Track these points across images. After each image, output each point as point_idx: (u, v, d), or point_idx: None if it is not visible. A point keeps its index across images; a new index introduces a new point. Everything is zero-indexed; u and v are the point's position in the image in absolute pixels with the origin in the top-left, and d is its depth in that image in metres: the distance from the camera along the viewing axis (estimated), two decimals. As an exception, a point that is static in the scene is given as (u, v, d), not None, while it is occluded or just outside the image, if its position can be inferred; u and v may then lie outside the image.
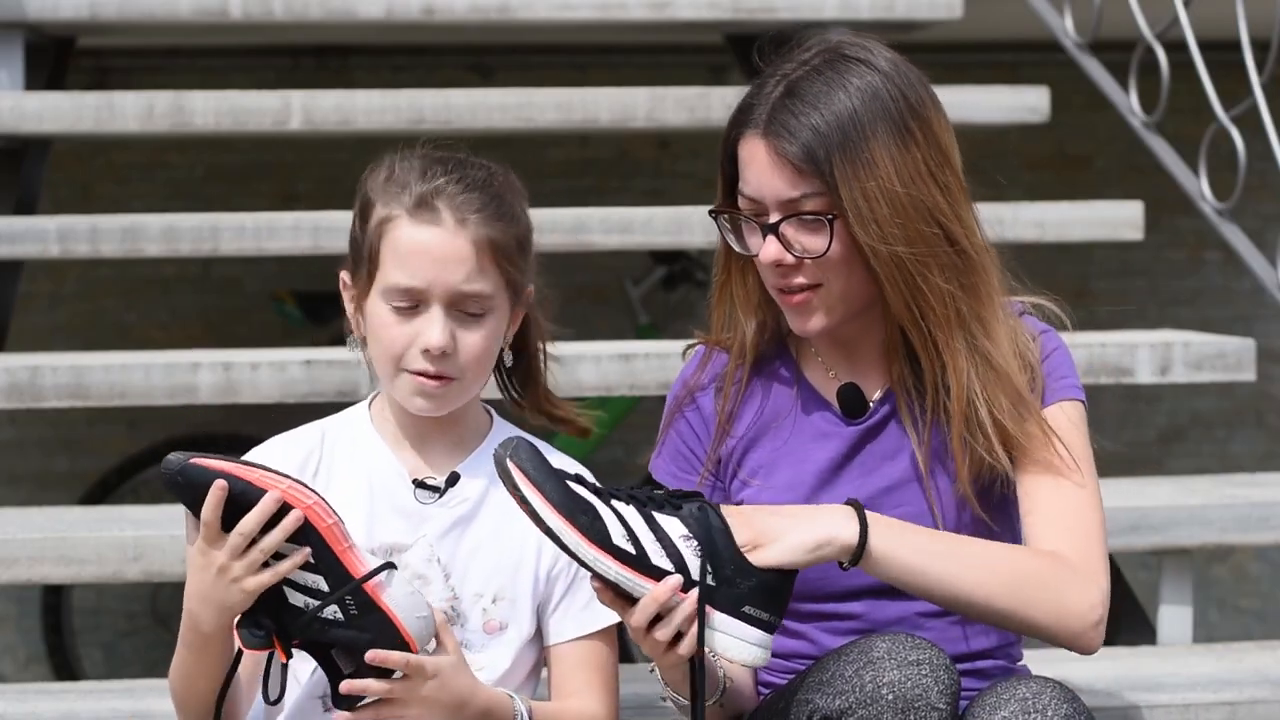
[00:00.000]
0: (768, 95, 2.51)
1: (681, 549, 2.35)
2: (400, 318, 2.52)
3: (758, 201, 2.52)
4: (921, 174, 2.49)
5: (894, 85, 2.50)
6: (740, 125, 2.53)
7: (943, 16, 4.64)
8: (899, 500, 2.58)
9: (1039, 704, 2.38)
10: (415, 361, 2.52)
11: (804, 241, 2.50)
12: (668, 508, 2.38)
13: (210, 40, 6.13)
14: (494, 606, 2.58)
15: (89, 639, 6.33)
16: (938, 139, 2.52)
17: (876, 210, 2.46)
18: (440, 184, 2.53)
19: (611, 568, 2.34)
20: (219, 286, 6.45)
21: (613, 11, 4.63)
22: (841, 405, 2.62)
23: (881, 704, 2.34)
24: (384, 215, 2.53)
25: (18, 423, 6.35)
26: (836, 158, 2.46)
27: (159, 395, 3.66)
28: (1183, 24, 4.24)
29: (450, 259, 2.51)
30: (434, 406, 2.56)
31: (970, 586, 2.41)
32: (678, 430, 2.67)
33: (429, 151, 2.60)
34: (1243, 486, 3.71)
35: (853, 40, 2.56)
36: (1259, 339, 4.11)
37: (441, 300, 2.51)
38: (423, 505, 2.59)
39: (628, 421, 6.13)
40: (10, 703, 3.12)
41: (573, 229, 4.12)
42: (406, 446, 2.62)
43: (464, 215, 2.52)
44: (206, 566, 2.40)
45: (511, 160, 2.68)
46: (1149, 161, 4.51)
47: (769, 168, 2.49)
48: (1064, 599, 2.44)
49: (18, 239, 4.07)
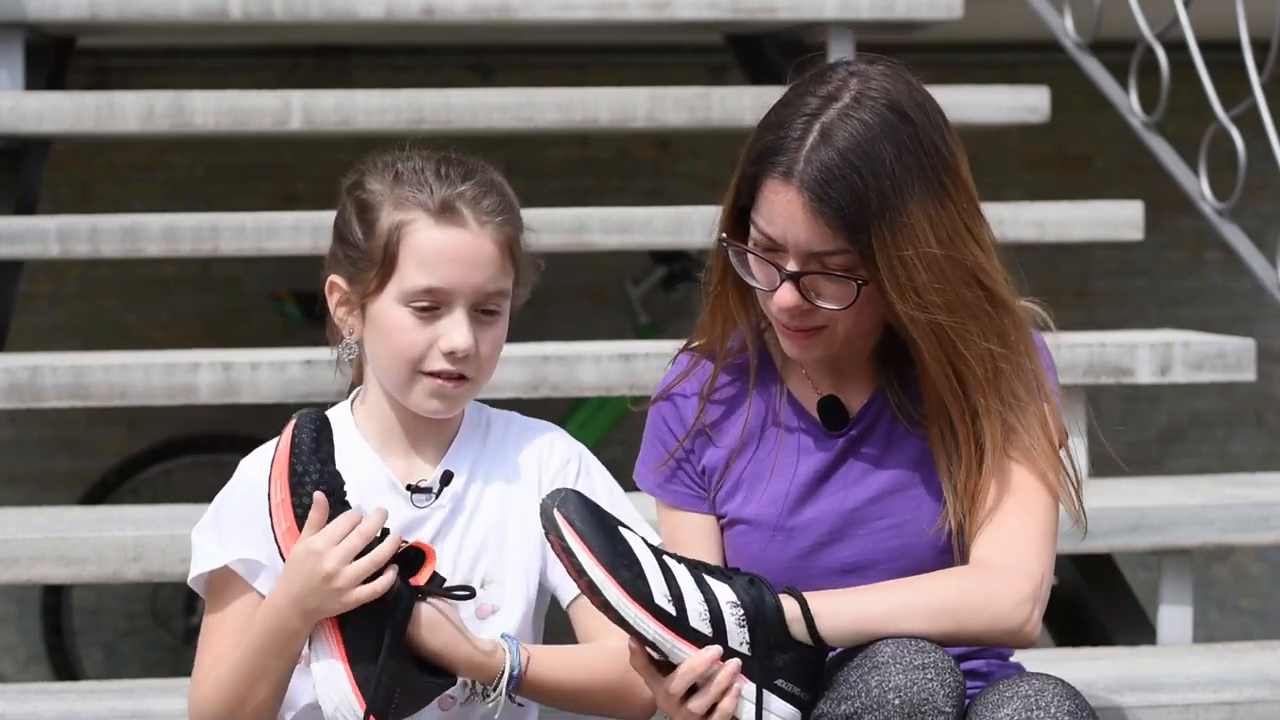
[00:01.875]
0: (799, 140, 2.44)
1: (726, 614, 2.35)
2: (420, 321, 2.52)
3: (777, 243, 2.47)
4: (959, 231, 2.44)
5: (926, 136, 2.44)
6: (768, 166, 2.46)
7: (943, 16, 4.64)
8: (882, 511, 2.58)
9: (1042, 701, 2.38)
10: (435, 363, 2.53)
11: (825, 293, 2.46)
12: (718, 574, 2.38)
13: (210, 40, 6.13)
14: (483, 591, 2.57)
15: (89, 639, 6.33)
16: (967, 187, 2.47)
17: (916, 278, 2.41)
18: (459, 186, 2.55)
19: (650, 627, 2.33)
20: (219, 286, 6.45)
21: (613, 11, 4.63)
22: (822, 418, 2.61)
23: (888, 709, 2.34)
24: (400, 219, 2.53)
25: (18, 423, 6.35)
26: (875, 224, 2.40)
27: (159, 395, 3.66)
28: (1183, 24, 4.23)
29: (478, 260, 2.53)
30: (449, 407, 2.57)
31: (910, 628, 2.41)
32: (662, 439, 2.66)
33: (427, 153, 2.60)
34: (1243, 486, 3.71)
35: (878, 72, 2.48)
36: (1259, 339, 4.10)
37: (466, 302, 2.53)
38: (419, 510, 2.58)
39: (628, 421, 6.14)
40: (10, 703, 3.12)
41: (573, 229, 4.12)
42: (394, 449, 2.61)
43: (485, 216, 2.54)
44: (313, 572, 2.41)
45: (511, 160, 2.69)
46: (1149, 161, 4.51)
47: (799, 221, 2.43)
48: (993, 608, 2.44)
49: (18, 239, 4.07)
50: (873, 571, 2.55)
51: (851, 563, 2.57)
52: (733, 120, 4.40)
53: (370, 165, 2.60)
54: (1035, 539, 2.50)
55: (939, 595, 2.43)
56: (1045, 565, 2.49)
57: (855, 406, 2.61)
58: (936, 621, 2.41)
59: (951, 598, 2.43)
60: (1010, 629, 2.44)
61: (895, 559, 2.56)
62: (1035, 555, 2.48)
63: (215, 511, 2.60)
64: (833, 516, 2.58)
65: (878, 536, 2.57)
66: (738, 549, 2.61)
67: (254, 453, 2.63)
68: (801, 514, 2.58)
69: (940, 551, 2.56)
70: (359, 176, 2.60)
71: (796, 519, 2.58)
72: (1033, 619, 2.45)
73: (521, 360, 3.66)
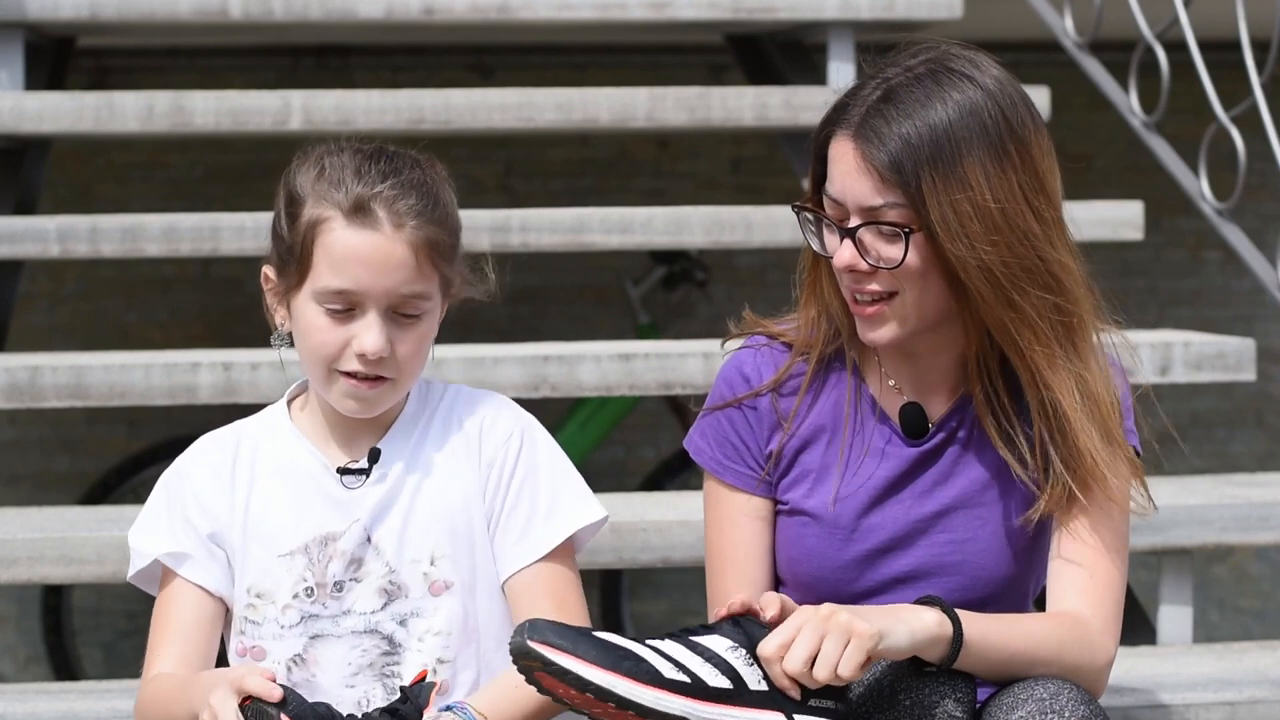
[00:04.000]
0: (865, 97, 2.47)
1: (732, 660, 2.32)
2: (333, 320, 2.48)
3: (840, 204, 2.49)
4: (1016, 197, 2.44)
5: (995, 104, 2.46)
6: (833, 124, 2.49)
7: (943, 16, 4.64)
8: (946, 525, 2.58)
9: (1056, 704, 2.38)
10: (349, 363, 2.50)
11: (880, 250, 2.47)
12: (701, 631, 2.36)
13: (210, 40, 6.13)
14: (434, 568, 2.56)
15: (89, 639, 6.33)
16: (1035, 165, 2.48)
17: (968, 225, 2.42)
18: (376, 186, 2.48)
19: (674, 702, 2.29)
20: (219, 286, 6.45)
21: (613, 11, 4.63)
22: (903, 425, 2.59)
23: (899, 709, 2.36)
24: (316, 216, 2.48)
25: (18, 423, 6.35)
26: (925, 171, 2.42)
27: (159, 395, 3.66)
28: (1183, 24, 4.23)
29: (389, 264, 2.47)
30: (366, 408, 2.54)
31: (1021, 674, 2.44)
32: (729, 417, 2.62)
33: (360, 147, 2.55)
34: (1243, 486, 3.71)
35: (961, 52, 2.51)
36: (1259, 339, 4.11)
37: (379, 305, 2.48)
38: (351, 490, 2.57)
39: (628, 421, 6.14)
40: (10, 703, 3.12)
41: (573, 229, 4.12)
42: (332, 440, 2.59)
43: (401, 219, 2.48)
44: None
45: (511, 160, 2.68)
46: (1149, 161, 4.51)
47: (854, 172, 2.45)
48: (1084, 670, 2.48)
49: (18, 239, 4.07)
50: (926, 583, 2.56)
51: (907, 572, 2.57)
52: (733, 120, 4.40)
53: (303, 155, 2.56)
54: (1119, 590, 2.53)
55: (1049, 647, 2.46)
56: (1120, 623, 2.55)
57: (935, 417, 2.60)
58: (1043, 670, 2.45)
59: (1057, 651, 2.46)
60: (1092, 687, 2.48)
61: (950, 574, 2.57)
62: (1119, 613, 2.53)
63: (145, 511, 2.63)
64: (897, 525, 2.58)
65: (937, 550, 2.57)
66: (794, 538, 2.60)
67: (188, 450, 2.64)
68: (868, 518, 2.58)
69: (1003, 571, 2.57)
70: (292, 166, 2.56)
71: (863, 522, 2.58)
72: (1107, 679, 2.52)
73: (521, 360, 3.66)
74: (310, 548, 2.56)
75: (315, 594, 2.55)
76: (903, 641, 2.34)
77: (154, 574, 2.62)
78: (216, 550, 2.58)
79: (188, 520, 2.59)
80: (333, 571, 2.55)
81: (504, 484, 2.59)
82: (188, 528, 2.58)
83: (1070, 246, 2.51)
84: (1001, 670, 2.44)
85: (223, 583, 2.59)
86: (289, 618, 2.55)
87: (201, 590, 2.58)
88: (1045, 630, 2.48)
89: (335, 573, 2.55)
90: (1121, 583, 2.55)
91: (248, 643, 2.57)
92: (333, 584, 2.55)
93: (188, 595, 2.58)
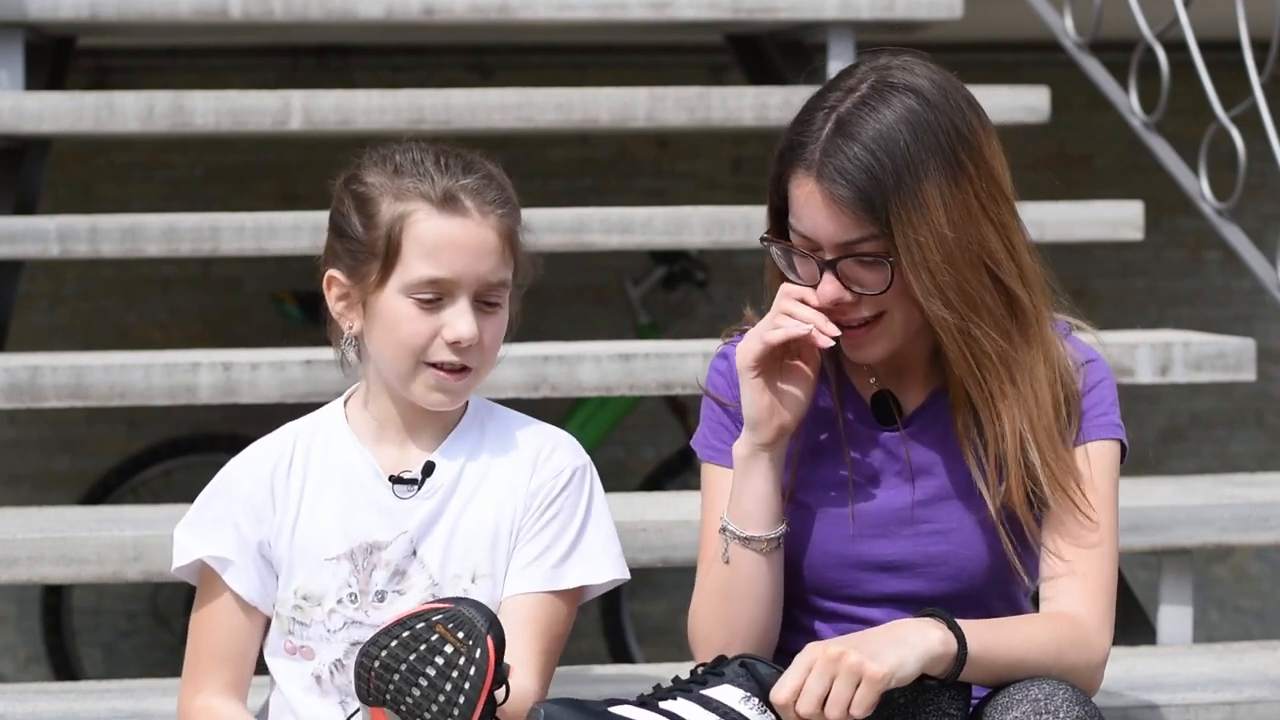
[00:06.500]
0: (817, 132, 2.47)
1: (745, 712, 2.34)
2: (424, 311, 2.53)
3: (811, 239, 2.49)
4: (973, 211, 2.46)
5: (943, 115, 2.47)
6: (791, 163, 2.49)
7: (943, 16, 4.64)
8: (929, 516, 2.58)
9: (1051, 705, 2.38)
10: (439, 353, 2.53)
11: (862, 278, 2.48)
12: (711, 680, 2.36)
13: (210, 40, 6.13)
14: (474, 585, 2.57)
15: (89, 639, 6.33)
16: (989, 168, 2.49)
17: (929, 257, 2.43)
18: (461, 179, 2.55)
19: None
20: (219, 286, 6.45)
21: (613, 11, 4.63)
22: (875, 410, 2.60)
23: (893, 706, 2.36)
24: (401, 210, 2.53)
25: (18, 423, 6.35)
26: (892, 201, 2.42)
27: (159, 395, 3.66)
28: (1183, 24, 4.23)
29: (482, 250, 2.53)
30: (452, 400, 2.57)
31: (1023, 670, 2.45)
32: (718, 405, 2.64)
33: (428, 145, 2.60)
34: (1243, 486, 3.71)
35: (894, 61, 2.51)
36: (1259, 339, 4.10)
37: (470, 291, 2.53)
38: (401, 501, 2.58)
39: (628, 421, 6.14)
40: (10, 703, 3.12)
41: (573, 229, 4.12)
42: (388, 443, 2.61)
43: (488, 208, 2.55)
44: None
45: (511, 160, 2.68)
46: (1149, 161, 4.51)
47: (823, 211, 2.46)
48: (1080, 670, 2.49)
49: (18, 239, 4.07)
50: (913, 574, 2.57)
51: (892, 561, 2.58)
52: (733, 120, 4.40)
53: (366, 159, 2.60)
54: (1110, 583, 2.56)
55: (1048, 651, 2.47)
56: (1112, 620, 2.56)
57: (912, 405, 2.61)
58: (1042, 671, 2.45)
59: (1056, 654, 2.47)
60: (1089, 683, 2.50)
61: (937, 564, 2.57)
62: (1111, 605, 2.55)
63: (196, 509, 2.64)
64: (880, 513, 2.58)
65: (921, 540, 2.57)
66: (798, 526, 2.60)
67: (241, 453, 2.65)
68: (850, 504, 2.58)
69: (986, 563, 2.57)
70: (355, 170, 2.59)
71: (844, 509, 2.58)
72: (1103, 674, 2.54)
73: (521, 360, 3.66)
74: (355, 554, 2.57)
75: (359, 600, 2.56)
76: (911, 671, 2.35)
77: (194, 569, 2.63)
78: (261, 560, 2.59)
79: (236, 527, 2.59)
80: (376, 580, 2.56)
81: (538, 511, 2.60)
82: (236, 535, 2.59)
83: (1028, 246, 2.53)
84: (1002, 676, 2.44)
85: (261, 594, 2.59)
86: (334, 622, 2.57)
87: (242, 603, 2.59)
88: (1044, 635, 2.48)
89: (379, 582, 2.56)
90: (1112, 575, 2.56)
91: (297, 642, 2.58)
92: (375, 593, 2.56)
93: (230, 610, 2.59)
